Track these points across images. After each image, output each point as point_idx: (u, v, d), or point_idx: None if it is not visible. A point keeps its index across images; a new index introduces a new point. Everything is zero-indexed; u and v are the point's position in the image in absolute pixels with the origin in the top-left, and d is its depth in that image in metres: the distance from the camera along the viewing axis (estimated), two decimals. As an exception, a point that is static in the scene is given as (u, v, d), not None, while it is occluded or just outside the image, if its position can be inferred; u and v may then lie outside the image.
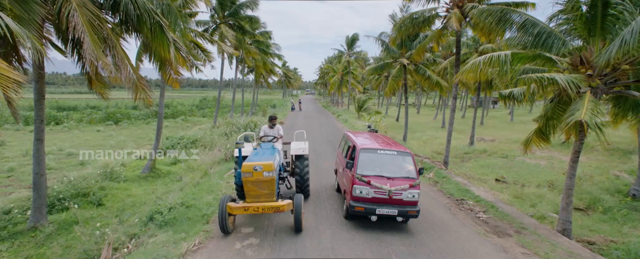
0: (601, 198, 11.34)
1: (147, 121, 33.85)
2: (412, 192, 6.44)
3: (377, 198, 6.45)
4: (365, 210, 6.48)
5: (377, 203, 6.47)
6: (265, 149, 7.12)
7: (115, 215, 8.94)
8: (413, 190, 6.46)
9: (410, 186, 6.45)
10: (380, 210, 6.41)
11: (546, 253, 5.92)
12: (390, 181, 6.50)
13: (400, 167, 6.82)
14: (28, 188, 11.99)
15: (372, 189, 6.43)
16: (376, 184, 6.41)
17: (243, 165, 5.73)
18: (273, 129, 8.19)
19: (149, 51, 9.01)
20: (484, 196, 9.26)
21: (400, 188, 6.37)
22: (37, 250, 7.05)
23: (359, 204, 6.52)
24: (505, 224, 7.26)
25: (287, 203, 5.90)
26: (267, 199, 5.92)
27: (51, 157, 16.84)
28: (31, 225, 7.93)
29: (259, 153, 6.66)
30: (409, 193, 6.42)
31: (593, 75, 6.67)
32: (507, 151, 20.89)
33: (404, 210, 6.42)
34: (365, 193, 6.49)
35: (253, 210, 5.75)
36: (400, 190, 6.37)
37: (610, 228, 9.41)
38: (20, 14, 5.28)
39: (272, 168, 5.71)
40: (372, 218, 6.52)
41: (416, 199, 6.50)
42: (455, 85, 13.43)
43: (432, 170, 11.92)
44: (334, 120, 30.56)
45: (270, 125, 8.19)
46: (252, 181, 5.73)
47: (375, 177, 6.56)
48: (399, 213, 6.42)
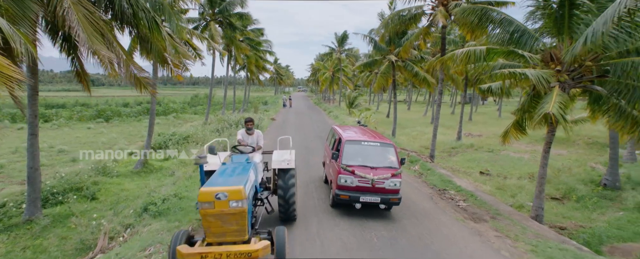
0: (575, 188, 11.94)
1: (138, 118, 33.82)
2: (394, 181, 6.78)
3: (361, 187, 6.79)
4: (349, 198, 6.83)
5: (361, 191, 6.81)
6: (236, 165, 5.34)
7: (110, 208, 9.18)
8: (395, 179, 6.79)
9: (392, 175, 6.78)
10: (364, 198, 6.75)
11: (516, 235, 6.38)
12: (373, 170, 6.84)
13: (383, 158, 7.15)
14: (19, 183, 12.13)
15: (356, 178, 6.76)
16: (360, 173, 6.73)
17: (201, 192, 4.03)
18: (251, 136, 6.48)
19: (145, 49, 9.24)
20: (465, 186, 9.73)
21: (382, 177, 6.72)
22: (33, 241, 7.29)
23: (344, 192, 6.87)
24: (483, 211, 7.72)
25: (263, 247, 4.13)
26: (235, 237, 4.23)
27: (43, 154, 16.86)
28: (26, 218, 8.15)
29: (226, 172, 4.95)
30: (391, 182, 6.75)
31: (561, 70, 7.13)
32: (493, 146, 21.47)
33: (386, 197, 6.76)
34: (350, 182, 6.81)
35: (213, 257, 4.00)
36: (383, 178, 6.72)
37: (581, 214, 9.98)
38: (15, 12, 5.51)
39: (242, 196, 4.06)
40: (356, 206, 6.90)
41: (398, 187, 6.83)
42: (441, 80, 13.88)
43: (418, 163, 12.37)
44: (325, 116, 30.93)
45: (247, 129, 6.44)
46: (213, 215, 4.05)
47: (359, 167, 6.88)
48: (382, 201, 6.76)
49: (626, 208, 9.88)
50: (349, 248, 5.66)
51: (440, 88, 13.97)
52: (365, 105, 42.21)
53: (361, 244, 5.78)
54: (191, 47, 15.16)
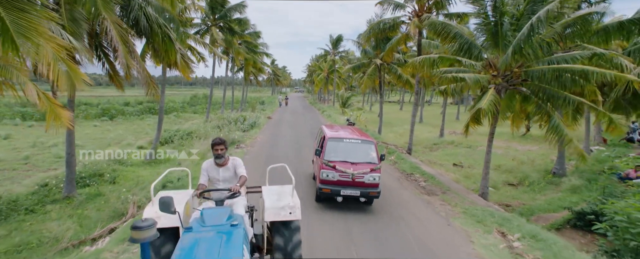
0: (530, 176, 13.85)
1: (140, 117, 35.48)
2: (373, 175, 7.19)
3: (342, 181, 7.18)
4: (331, 192, 7.25)
5: (342, 185, 7.20)
6: (213, 237, 2.91)
7: (129, 189, 10.95)
8: (374, 174, 7.20)
9: (371, 170, 7.17)
10: (345, 191, 7.16)
11: (456, 203, 8.23)
12: (353, 165, 7.24)
13: (364, 154, 7.55)
14: (45, 171, 13.86)
15: (337, 173, 7.15)
16: (341, 168, 7.13)
17: None
18: (224, 167, 4.02)
19: (157, 55, 11.04)
20: (429, 171, 11.59)
21: (362, 171, 7.12)
22: (75, 211, 9.06)
23: (326, 186, 7.28)
24: (437, 189, 9.56)
25: None
26: None
27: (60, 148, 18.61)
28: (65, 194, 9.92)
29: (199, 246, 2.78)
30: (370, 176, 7.17)
31: (497, 75, 8.99)
32: (472, 143, 23.35)
33: (366, 191, 7.18)
34: (332, 176, 7.22)
35: None
36: (362, 173, 7.11)
37: (528, 196, 11.87)
38: (73, 30, 7.31)
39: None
40: (338, 199, 7.37)
41: (377, 181, 7.24)
42: (417, 81, 15.74)
43: (394, 154, 14.22)
44: (319, 115, 32.77)
45: (216, 158, 3.95)
46: None
47: (340, 162, 7.28)
48: (361, 194, 7.17)
49: (563, 190, 11.77)
50: (325, 207, 7.47)
51: (416, 89, 15.83)
52: (357, 105, 44.15)
53: (334, 206, 7.57)
54: (195, 51, 16.95)
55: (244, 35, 28.08)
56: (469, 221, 7.02)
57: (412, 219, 7.08)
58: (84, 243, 6.95)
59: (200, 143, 16.61)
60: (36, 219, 8.52)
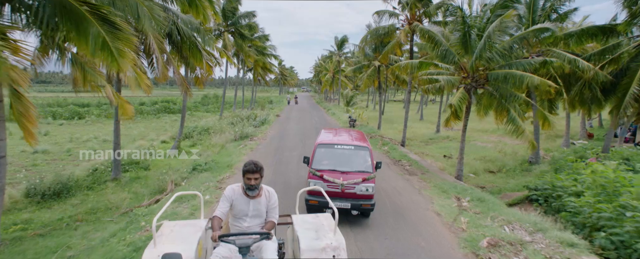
0: (508, 164, 15.70)
1: (157, 116, 37.96)
2: (366, 186, 6.45)
3: (331, 192, 6.40)
4: (319, 203, 6.43)
5: (331, 196, 6.17)
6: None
7: (163, 173, 13.11)
8: (367, 184, 6.47)
9: (363, 180, 6.46)
10: (336, 204, 6.38)
11: (431, 180, 10.18)
12: (343, 175, 6.57)
13: (356, 161, 6.89)
14: (87, 161, 16.13)
15: (325, 183, 6.49)
16: (329, 178, 6.47)
17: None
18: (256, 200, 3.21)
19: (184, 61, 13.18)
20: (414, 158, 13.55)
21: (353, 181, 6.42)
22: (124, 188, 11.24)
23: (313, 197, 6.50)
24: (418, 171, 11.52)
25: None
26: None
27: (93, 142, 21.00)
28: (113, 177, 12.12)
29: None
30: (362, 186, 6.46)
31: (466, 77, 10.92)
32: (467, 138, 25.12)
33: (358, 203, 6.43)
34: (319, 187, 6.33)
35: None
36: (353, 183, 6.41)
37: (502, 180, 13.74)
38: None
39: None
40: (327, 211, 5.98)
41: (370, 193, 6.51)
42: (409, 82, 17.68)
43: (388, 145, 16.18)
44: (324, 113, 34.82)
45: (248, 188, 3.13)
46: None
47: (328, 171, 6.63)
48: (352, 207, 6.43)
49: (533, 176, 13.61)
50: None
51: (409, 89, 17.77)
52: (361, 104, 46.05)
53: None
54: (212, 55, 19.09)
55: (254, 40, 30.23)
56: (436, 191, 8.99)
57: (391, 190, 9.05)
58: (138, 209, 9.09)
59: (218, 137, 18.77)
60: (96, 193, 10.73)
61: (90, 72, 7.79)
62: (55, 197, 10.23)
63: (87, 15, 5.90)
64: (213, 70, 15.33)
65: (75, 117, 33.03)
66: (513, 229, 6.19)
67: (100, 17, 6.13)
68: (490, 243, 5.49)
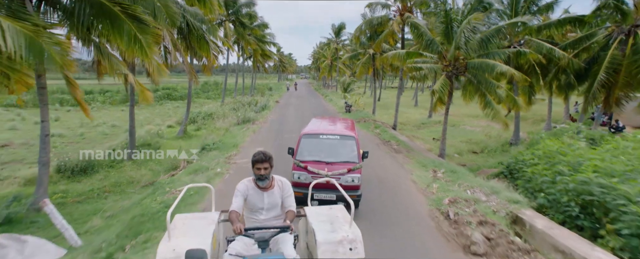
0: (491, 146, 17.06)
1: (160, 102, 39.07)
2: (352, 176, 6.32)
3: (317, 184, 6.28)
4: (303, 195, 5.76)
5: (317, 188, 5.73)
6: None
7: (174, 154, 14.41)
8: (353, 175, 6.34)
9: (348, 171, 6.35)
10: (319, 195, 6.27)
11: (415, 157, 11.51)
12: (328, 166, 6.45)
13: (342, 152, 6.77)
14: (101, 144, 17.43)
15: (309, 174, 6.34)
16: (313, 169, 6.36)
17: None
18: (268, 192, 3.16)
19: (191, 50, 14.32)
20: (402, 139, 14.87)
21: (337, 172, 6.30)
22: (141, 166, 12.56)
23: (298, 189, 5.87)
24: (404, 149, 12.85)
25: None
26: None
27: (103, 128, 22.25)
28: (128, 157, 13.43)
29: None
30: (348, 177, 6.33)
31: (448, 65, 12.13)
32: (457, 122, 26.58)
33: (343, 195, 6.66)
34: (304, 178, 6.39)
35: None
36: (338, 174, 6.29)
37: (483, 159, 15.11)
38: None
39: None
40: (312, 203, 5.65)
41: (356, 183, 6.35)
42: (401, 69, 18.86)
43: (380, 128, 17.49)
44: (322, 99, 36.03)
45: (259, 178, 3.05)
46: None
47: (313, 162, 6.50)
48: (338, 198, 6.22)
49: (511, 156, 14.96)
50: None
51: (400, 76, 18.96)
52: (358, 91, 47.13)
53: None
54: (216, 45, 20.18)
55: (253, 28, 31.14)
56: (417, 165, 10.33)
57: (377, 165, 10.38)
58: (160, 179, 10.43)
59: (221, 121, 20.02)
60: (116, 170, 12.06)
61: (115, 62, 8.99)
62: (82, 173, 11.56)
63: (120, 15, 7.09)
64: (217, 58, 16.49)
65: (80, 104, 34.16)
66: (473, 192, 7.53)
67: (130, 16, 7.32)
68: (451, 201, 6.84)
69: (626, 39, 12.77)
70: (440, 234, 5.83)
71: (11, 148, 15.59)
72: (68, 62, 6.55)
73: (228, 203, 3.11)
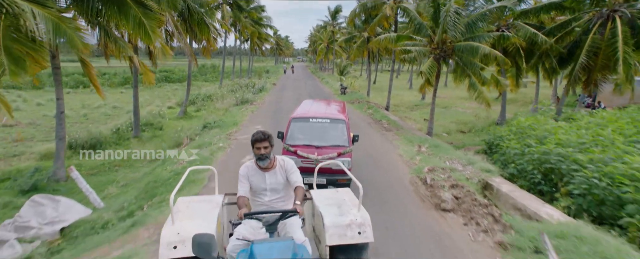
0: (478, 126, 17.93)
1: (158, 85, 39.46)
2: (342, 160, 6.14)
3: (306, 168, 6.02)
4: None
5: (306, 172, 5.60)
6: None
7: (176, 132, 15.16)
8: (342, 158, 6.29)
9: (338, 155, 6.29)
10: (309, 179, 5.67)
11: (403, 134, 12.34)
12: (318, 150, 6.38)
13: (332, 135, 6.72)
14: (104, 124, 18.12)
15: (299, 159, 6.22)
16: (303, 153, 6.25)
17: None
18: (271, 172, 3.12)
19: (192, 33, 14.87)
20: (393, 119, 15.68)
21: (328, 156, 6.24)
22: (145, 143, 13.34)
23: None
24: (394, 128, 13.67)
25: None
26: None
27: (105, 109, 22.87)
28: (134, 135, 14.19)
29: None
30: (338, 161, 5.93)
31: (435, 48, 12.80)
32: (449, 104, 27.45)
33: (333, 178, 6.20)
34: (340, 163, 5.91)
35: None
36: (328, 158, 6.21)
37: (469, 138, 15.99)
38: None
39: None
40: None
41: (347, 167, 5.97)
42: (394, 52, 19.49)
43: (373, 109, 18.27)
44: (318, 82, 36.63)
45: (259, 158, 3.00)
46: None
47: (303, 147, 6.40)
48: (328, 182, 6.19)
49: (494, 133, 15.86)
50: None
51: (393, 58, 19.59)
52: (355, 74, 47.65)
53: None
54: (214, 28, 20.64)
55: (250, 11, 31.38)
56: (404, 141, 11.17)
57: (367, 141, 11.21)
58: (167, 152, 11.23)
59: (220, 102, 20.70)
60: (123, 147, 12.83)
61: (122, 44, 9.62)
62: (91, 149, 12.31)
63: (127, 1, 7.71)
64: (217, 41, 17.03)
65: (79, 86, 34.62)
66: (452, 163, 8.39)
67: (136, 1, 7.94)
68: (429, 169, 7.70)
69: (605, 23, 13.45)
70: (417, 197, 6.71)
71: (19, 127, 16.27)
72: (86, 45, 7.22)
73: (231, 175, 3.81)
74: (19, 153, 11.74)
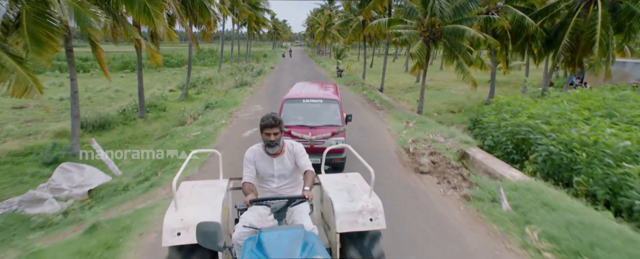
0: (467, 106, 18.74)
1: (157, 69, 39.91)
2: (336, 140, 6.38)
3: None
4: None
5: None
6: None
7: (180, 112, 15.92)
8: (336, 138, 6.40)
9: (332, 134, 6.37)
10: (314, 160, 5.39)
11: (393, 112, 13.15)
12: (312, 130, 6.44)
13: (326, 115, 6.79)
14: (109, 106, 18.84)
15: (294, 139, 6.03)
16: (297, 134, 6.30)
17: None
18: (279, 157, 2.94)
19: (192, 17, 15.44)
20: (386, 99, 16.47)
21: (322, 136, 6.32)
22: (151, 123, 14.12)
23: None
24: (386, 107, 14.46)
25: None
26: None
27: (108, 92, 23.53)
28: (139, 115, 14.95)
29: None
30: (332, 141, 6.38)
31: (425, 31, 13.47)
32: (443, 87, 28.21)
33: (328, 158, 6.06)
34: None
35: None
36: (322, 138, 6.32)
37: (459, 117, 16.82)
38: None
39: None
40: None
41: (340, 147, 6.01)
42: (387, 34, 20.11)
43: (367, 90, 19.03)
44: (315, 66, 37.19)
45: (268, 144, 2.81)
46: None
47: (297, 127, 6.46)
48: (325, 162, 5.81)
49: (481, 112, 16.69)
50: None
51: (387, 41, 20.21)
52: (352, 58, 48.09)
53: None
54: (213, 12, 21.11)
55: (248, -5, 31.64)
56: (394, 118, 12.00)
57: (360, 118, 12.01)
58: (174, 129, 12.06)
59: (220, 85, 21.39)
60: (130, 127, 13.62)
61: (129, 28, 10.28)
62: (101, 128, 13.10)
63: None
64: (216, 25, 17.59)
65: (80, 70, 35.04)
66: (435, 136, 9.24)
67: (142, -12, 8.59)
68: (413, 140, 8.55)
69: (588, 5, 14.09)
70: (400, 163, 7.57)
71: (28, 109, 17.00)
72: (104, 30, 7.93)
73: (233, 146, 4.52)
74: (34, 132, 12.51)
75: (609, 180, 5.82)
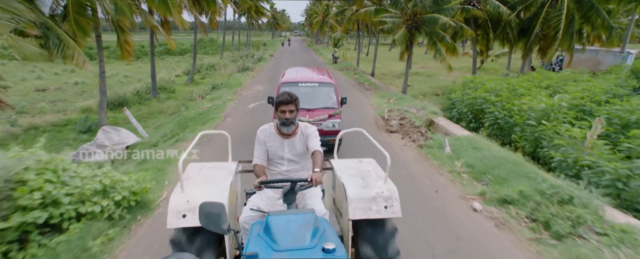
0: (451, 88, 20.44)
1: (161, 57, 41.42)
2: (333, 122, 6.58)
3: None
4: None
5: None
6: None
7: (188, 92, 17.59)
8: (333, 120, 6.59)
9: (329, 116, 6.57)
10: None
11: (379, 92, 14.83)
12: (309, 112, 6.65)
13: (322, 98, 7.02)
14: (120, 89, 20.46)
15: None
16: None
17: None
18: (292, 139, 2.81)
19: (198, 6, 16.97)
20: (375, 82, 18.15)
21: (319, 118, 6.50)
22: (164, 102, 15.81)
23: None
24: (373, 88, 16.14)
25: None
26: None
27: (116, 79, 25.13)
28: (152, 96, 16.63)
29: None
30: (329, 123, 6.58)
31: (408, 19, 15.06)
32: (433, 74, 29.82)
33: (325, 139, 5.87)
34: None
35: None
36: (319, 120, 6.48)
37: (441, 100, 18.50)
38: None
39: None
40: None
41: (337, 128, 6.52)
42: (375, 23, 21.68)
43: (359, 74, 20.69)
44: (313, 54, 38.74)
45: (283, 124, 2.69)
46: None
47: None
48: (321, 143, 6.46)
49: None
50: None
51: (377, 31, 21.80)
52: (347, 47, 49.58)
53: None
54: (215, 2, 22.60)
55: (248, -15, 32.99)
56: (377, 97, 13.69)
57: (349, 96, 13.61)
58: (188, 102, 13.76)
59: (223, 70, 23.01)
60: (145, 105, 15.32)
61: (148, 17, 11.88)
62: (120, 106, 14.79)
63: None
64: (220, 14, 19.14)
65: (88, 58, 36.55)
66: (409, 108, 10.96)
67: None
68: (389, 110, 10.28)
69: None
70: (376, 126, 9.32)
71: (50, 92, 18.66)
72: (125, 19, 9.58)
73: (239, 115, 6.00)
74: (62, 110, 14.21)
75: (532, 136, 7.58)
